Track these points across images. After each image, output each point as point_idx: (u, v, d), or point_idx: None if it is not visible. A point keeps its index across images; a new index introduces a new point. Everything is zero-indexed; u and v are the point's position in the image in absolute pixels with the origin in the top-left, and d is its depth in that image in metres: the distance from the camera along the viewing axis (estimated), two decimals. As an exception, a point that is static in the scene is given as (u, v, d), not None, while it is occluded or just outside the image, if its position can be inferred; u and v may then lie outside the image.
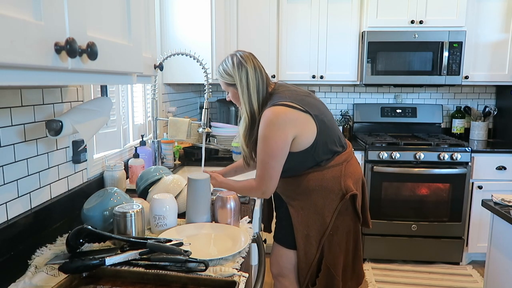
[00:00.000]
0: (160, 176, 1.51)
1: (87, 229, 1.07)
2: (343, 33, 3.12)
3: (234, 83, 1.57)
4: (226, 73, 1.58)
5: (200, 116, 3.39)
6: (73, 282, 0.97)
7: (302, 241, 1.63)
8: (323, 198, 1.60)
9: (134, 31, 1.01)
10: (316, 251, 1.62)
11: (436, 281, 2.75)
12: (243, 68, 1.55)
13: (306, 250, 1.63)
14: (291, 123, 1.49)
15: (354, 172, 1.67)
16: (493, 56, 3.06)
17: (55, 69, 0.68)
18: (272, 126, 1.48)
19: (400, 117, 3.44)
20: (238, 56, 1.58)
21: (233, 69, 1.56)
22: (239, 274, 1.00)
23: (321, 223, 1.60)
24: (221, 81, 1.63)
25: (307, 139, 1.53)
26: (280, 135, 1.49)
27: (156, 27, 2.46)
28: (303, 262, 1.64)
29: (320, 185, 1.59)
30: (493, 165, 2.89)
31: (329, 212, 1.60)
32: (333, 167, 1.60)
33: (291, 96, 1.55)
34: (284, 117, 1.49)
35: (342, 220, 1.63)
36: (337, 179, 1.60)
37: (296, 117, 1.50)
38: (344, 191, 1.60)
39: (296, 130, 1.50)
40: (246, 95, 1.56)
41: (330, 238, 1.62)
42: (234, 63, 1.56)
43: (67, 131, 1.19)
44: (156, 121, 2.09)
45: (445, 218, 2.92)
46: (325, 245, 1.62)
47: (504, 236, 1.70)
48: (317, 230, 1.61)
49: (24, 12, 0.60)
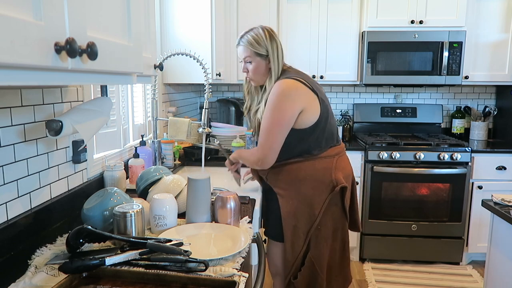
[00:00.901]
0: (160, 176, 1.51)
1: (87, 229, 1.07)
2: (343, 33, 3.12)
3: (265, 54, 1.62)
4: (257, 42, 1.61)
5: (200, 116, 3.39)
6: (73, 282, 0.97)
7: (290, 232, 1.63)
8: (313, 189, 1.60)
9: (134, 31, 1.01)
10: (303, 243, 1.62)
11: (436, 281, 2.75)
12: (274, 40, 1.63)
13: (293, 241, 1.63)
14: (300, 96, 1.55)
15: (345, 168, 1.69)
16: (493, 56, 3.06)
17: (55, 69, 0.68)
18: (282, 96, 1.54)
19: (400, 117, 3.44)
20: (268, 29, 1.64)
21: (266, 39, 1.60)
22: (239, 274, 1.00)
23: (309, 214, 1.61)
24: (248, 49, 1.63)
25: (310, 117, 1.57)
26: (289, 105, 1.53)
27: (156, 27, 2.46)
28: (289, 254, 1.64)
29: (311, 175, 1.61)
30: (493, 165, 2.89)
31: (318, 204, 1.60)
32: (324, 158, 1.62)
33: (303, 76, 1.63)
34: (295, 89, 1.55)
35: (330, 214, 1.64)
36: (328, 171, 1.61)
37: (305, 92, 1.56)
38: (334, 183, 1.60)
39: (304, 104, 1.55)
40: (276, 66, 1.62)
41: (317, 232, 1.62)
42: (267, 34, 1.62)
43: (67, 131, 1.19)
44: (156, 121, 2.09)
45: (445, 218, 2.92)
46: (312, 239, 1.62)
47: (504, 236, 1.70)
48: (305, 222, 1.61)
49: (24, 12, 0.60)
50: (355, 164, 2.85)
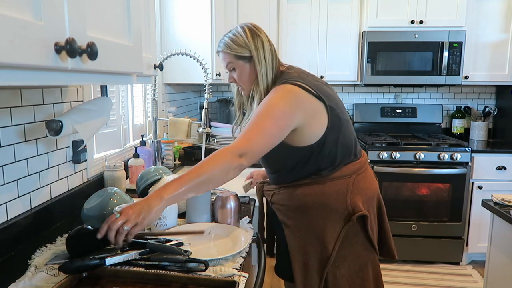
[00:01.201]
0: (160, 176, 1.51)
1: (88, 229, 1.07)
2: (343, 33, 3.12)
3: (248, 56, 1.33)
4: (237, 43, 1.33)
5: (200, 116, 3.39)
6: (73, 282, 0.96)
7: (299, 271, 1.33)
8: (323, 219, 1.31)
9: (134, 31, 1.01)
10: (318, 285, 1.31)
11: (436, 281, 2.75)
12: (258, 38, 1.34)
13: (305, 283, 1.32)
14: (301, 106, 1.25)
15: (367, 189, 1.37)
16: (493, 56, 3.06)
17: (55, 69, 0.68)
18: (281, 99, 1.24)
19: (400, 117, 3.43)
20: (250, 26, 1.36)
21: (247, 38, 1.32)
22: (239, 274, 1.00)
23: (321, 250, 1.31)
24: (228, 54, 1.36)
25: (314, 131, 1.28)
26: (287, 105, 1.23)
27: (156, 27, 2.46)
28: None
29: (320, 201, 1.31)
30: (493, 165, 2.89)
31: (331, 237, 1.30)
32: (337, 179, 1.32)
33: (306, 78, 1.31)
34: (296, 96, 1.25)
35: (350, 248, 1.33)
36: (342, 195, 1.31)
37: (309, 102, 1.26)
38: (350, 210, 1.30)
39: (304, 117, 1.25)
40: (264, 68, 1.33)
41: (335, 270, 1.32)
42: (247, 32, 1.33)
43: (67, 131, 1.19)
44: (156, 121, 2.09)
45: (445, 218, 2.92)
46: (330, 280, 1.32)
47: (504, 236, 1.70)
48: (318, 259, 1.32)
49: (24, 12, 0.60)
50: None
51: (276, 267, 1.50)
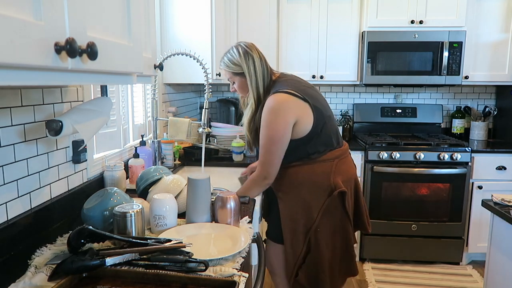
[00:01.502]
0: (160, 176, 1.51)
1: (89, 230, 1.07)
2: (343, 33, 3.12)
3: (242, 72, 1.64)
4: (232, 63, 1.64)
5: (200, 116, 3.39)
6: (73, 282, 0.96)
7: (289, 235, 1.64)
8: (311, 193, 1.61)
9: (134, 31, 1.01)
10: (302, 245, 1.63)
11: (436, 281, 2.75)
12: (250, 56, 1.62)
13: (293, 243, 1.64)
14: (291, 109, 1.54)
15: (346, 171, 1.67)
16: (493, 56, 3.06)
17: (55, 69, 0.68)
18: (274, 112, 1.54)
19: (400, 117, 3.44)
20: (243, 46, 1.65)
21: (240, 58, 1.62)
22: (239, 274, 1.00)
23: (308, 217, 1.61)
24: (227, 71, 1.68)
25: (304, 127, 1.57)
26: (282, 121, 1.54)
27: (156, 27, 2.46)
28: (290, 255, 1.66)
29: (309, 179, 1.61)
30: (493, 165, 2.89)
31: (316, 207, 1.61)
32: (323, 162, 1.62)
33: (293, 84, 1.61)
34: (285, 103, 1.54)
35: (329, 218, 1.63)
36: (327, 175, 1.61)
37: (296, 103, 1.55)
38: (332, 187, 1.60)
39: (296, 116, 1.55)
40: (254, 82, 1.63)
41: (317, 234, 1.62)
42: (240, 52, 1.63)
43: (67, 131, 1.19)
44: (156, 121, 2.09)
45: (445, 218, 2.92)
46: (312, 241, 1.63)
47: (504, 236, 1.70)
48: (304, 225, 1.62)
49: (24, 12, 0.60)
50: (355, 164, 2.85)
51: (267, 232, 1.81)
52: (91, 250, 1.03)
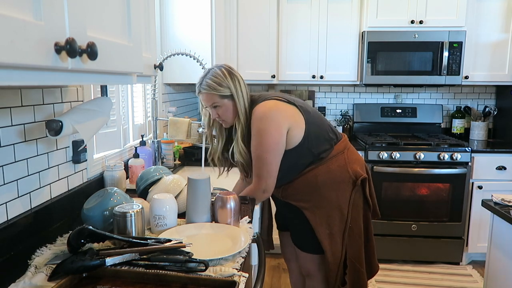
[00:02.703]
0: (160, 176, 1.51)
1: (89, 230, 1.07)
2: (343, 33, 3.12)
3: (230, 94, 1.53)
4: (219, 85, 1.52)
5: (200, 116, 3.39)
6: (73, 282, 0.97)
7: (327, 241, 1.57)
8: (335, 190, 1.57)
9: (134, 31, 1.01)
10: (341, 248, 1.58)
11: (436, 281, 2.75)
12: (235, 77, 1.55)
13: (333, 250, 1.57)
14: (283, 115, 1.51)
15: (358, 159, 1.66)
16: (493, 56, 3.06)
17: (55, 69, 0.68)
18: (266, 119, 1.50)
19: (400, 117, 3.44)
20: (226, 68, 1.56)
21: (226, 79, 1.52)
22: (239, 274, 1.00)
23: (340, 217, 1.57)
24: (213, 95, 1.54)
25: (298, 132, 1.54)
26: (275, 128, 1.50)
27: (156, 27, 2.46)
28: (332, 264, 1.58)
29: (329, 178, 1.57)
30: (493, 165, 2.89)
31: (344, 204, 1.57)
32: (335, 157, 1.59)
33: (274, 93, 1.60)
34: (276, 110, 1.51)
35: (357, 210, 1.61)
36: (344, 167, 1.58)
37: (286, 108, 1.53)
38: (353, 177, 1.58)
39: (288, 121, 1.52)
40: (242, 103, 1.55)
41: (350, 231, 1.59)
42: (226, 73, 1.53)
43: (67, 131, 1.19)
44: (156, 121, 2.09)
45: (445, 218, 2.92)
46: (346, 240, 1.58)
47: (504, 236, 1.70)
48: (338, 226, 1.57)
49: (24, 12, 0.60)
50: (355, 164, 2.85)
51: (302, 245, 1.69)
52: (91, 250, 1.03)
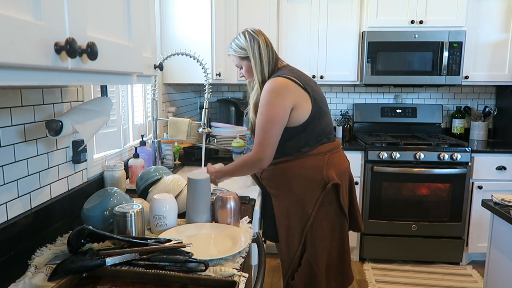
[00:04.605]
0: (160, 176, 1.51)
1: (89, 230, 1.07)
2: (343, 33, 3.12)
3: (248, 56, 1.66)
4: (239, 47, 1.67)
5: (200, 116, 3.39)
6: (73, 282, 0.97)
7: (283, 232, 1.63)
8: (304, 187, 1.59)
9: (134, 31, 1.01)
10: (298, 243, 1.60)
11: (436, 281, 2.75)
12: (255, 40, 1.64)
13: (288, 241, 1.62)
14: (290, 93, 1.56)
15: (339, 164, 1.66)
16: (493, 56, 3.06)
17: (55, 69, 0.68)
18: (273, 93, 1.55)
19: (400, 117, 3.44)
20: (249, 31, 1.67)
21: (245, 42, 1.65)
22: (239, 274, 1.00)
23: (302, 213, 1.59)
24: (234, 56, 1.70)
25: (301, 115, 1.57)
26: (281, 102, 1.54)
27: (156, 27, 2.46)
28: (285, 254, 1.64)
29: (300, 173, 1.59)
30: (493, 165, 2.89)
31: (310, 202, 1.58)
32: (314, 156, 1.61)
33: (296, 73, 1.63)
34: (285, 87, 1.56)
35: (325, 213, 1.61)
36: (319, 168, 1.59)
37: (296, 90, 1.57)
38: (326, 180, 1.58)
39: (294, 100, 1.56)
40: (259, 66, 1.64)
41: (313, 231, 1.60)
42: (246, 37, 1.66)
43: (67, 131, 1.19)
44: (156, 121, 2.09)
45: (445, 218, 2.92)
46: (308, 239, 1.60)
47: (504, 236, 1.70)
48: (298, 221, 1.60)
49: (24, 12, 0.60)
50: (355, 164, 2.85)
51: (263, 232, 1.79)
52: (91, 250, 1.03)
